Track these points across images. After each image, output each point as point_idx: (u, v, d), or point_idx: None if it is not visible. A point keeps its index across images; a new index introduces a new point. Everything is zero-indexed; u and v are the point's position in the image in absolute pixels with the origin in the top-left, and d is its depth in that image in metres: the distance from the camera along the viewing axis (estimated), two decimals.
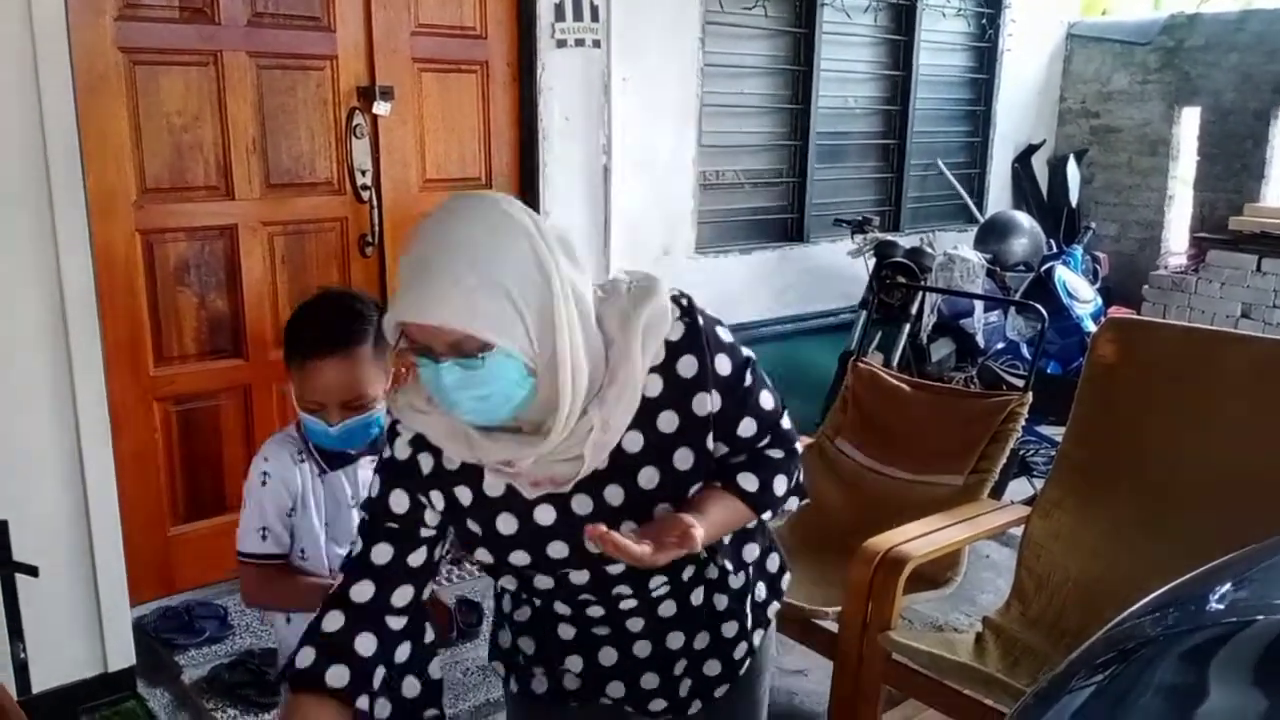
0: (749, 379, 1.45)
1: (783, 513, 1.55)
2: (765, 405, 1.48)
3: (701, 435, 1.41)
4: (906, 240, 4.77)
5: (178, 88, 3.06)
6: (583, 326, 1.29)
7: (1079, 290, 4.96)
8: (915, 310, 4.39)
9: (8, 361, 2.64)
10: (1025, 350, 4.61)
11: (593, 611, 1.52)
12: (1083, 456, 2.68)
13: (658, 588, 1.50)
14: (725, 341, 1.43)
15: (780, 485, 1.50)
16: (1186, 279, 5.49)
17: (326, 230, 3.43)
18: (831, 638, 2.57)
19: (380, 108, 3.40)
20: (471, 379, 1.24)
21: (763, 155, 4.72)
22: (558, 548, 1.43)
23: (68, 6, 2.64)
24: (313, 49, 3.28)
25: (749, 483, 1.46)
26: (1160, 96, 5.74)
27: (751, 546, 1.58)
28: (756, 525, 1.56)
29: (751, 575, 1.61)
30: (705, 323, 1.41)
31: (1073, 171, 5.88)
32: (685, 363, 1.39)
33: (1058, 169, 5.95)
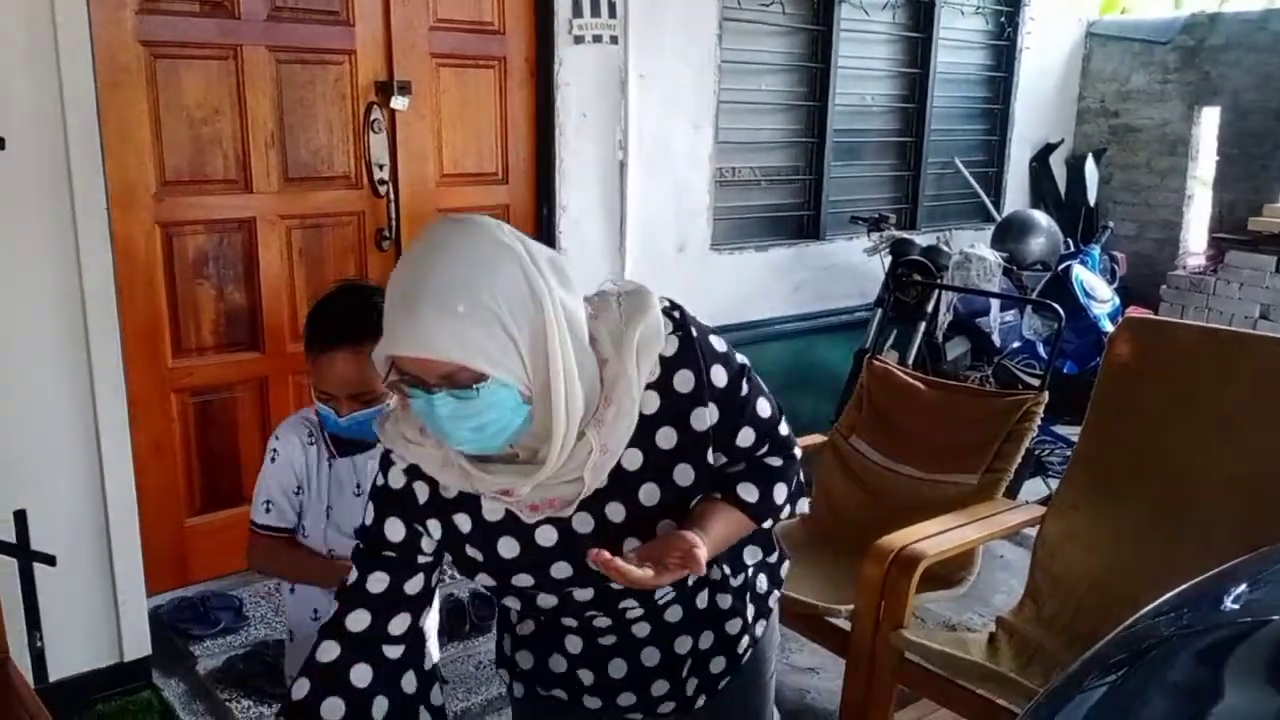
0: (745, 388, 1.43)
1: (784, 519, 1.54)
2: (762, 413, 1.47)
3: (701, 450, 1.40)
4: (923, 238, 4.76)
5: (198, 81, 3.08)
6: (576, 350, 1.26)
7: (1096, 289, 4.94)
8: (931, 308, 4.38)
9: (28, 352, 2.66)
10: (1041, 349, 4.60)
11: (599, 623, 1.50)
12: (1098, 457, 2.67)
13: (663, 595, 1.49)
14: (719, 351, 1.41)
15: (780, 494, 1.49)
16: (1205, 280, 5.46)
17: (344, 224, 3.44)
18: (844, 636, 2.57)
19: (398, 103, 3.41)
20: (466, 409, 1.21)
21: (779, 152, 4.71)
22: (561, 568, 1.41)
23: (89, 0, 2.66)
24: (331, 44, 3.30)
25: (749, 493, 1.45)
26: (1180, 96, 5.70)
27: (753, 549, 1.57)
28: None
29: (752, 571, 1.61)
30: (698, 334, 1.39)
31: (1091, 171, 5.85)
32: (681, 378, 1.37)
33: (1076, 168, 5.92)
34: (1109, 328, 4.49)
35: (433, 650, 1.82)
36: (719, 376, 1.40)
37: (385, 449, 1.40)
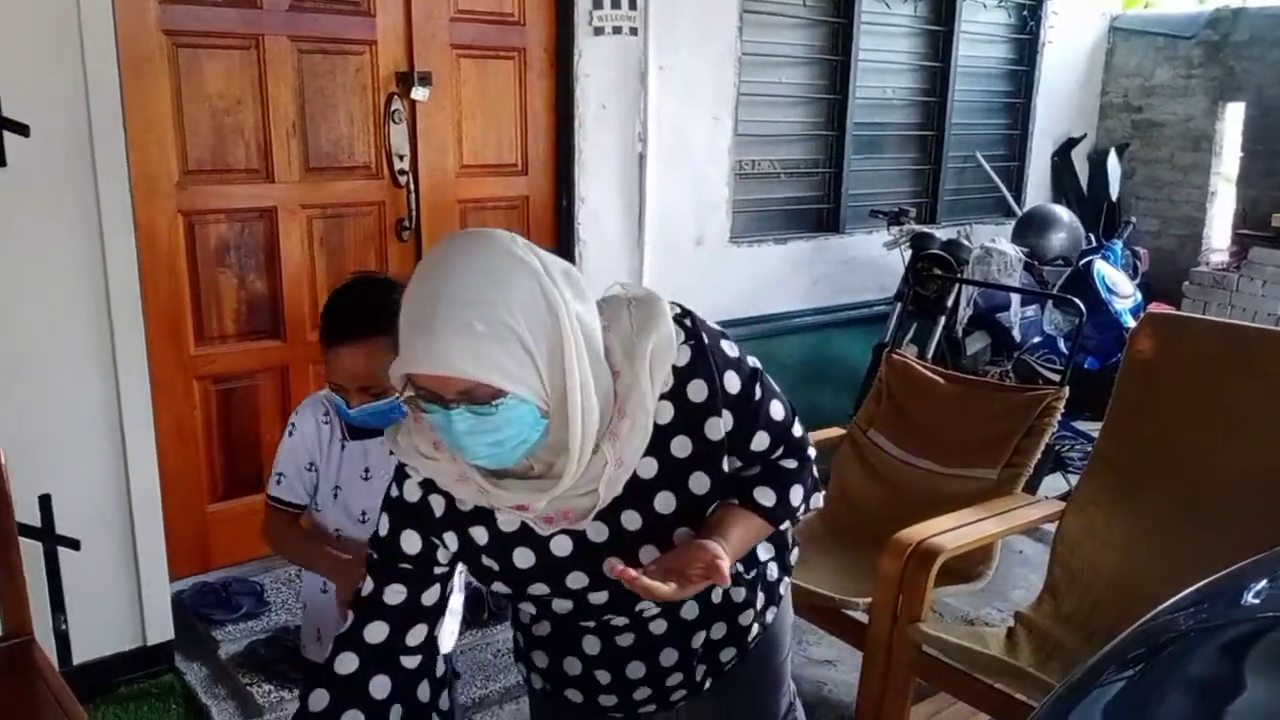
0: (758, 392, 1.43)
1: (800, 518, 1.55)
2: (776, 416, 1.46)
3: (716, 458, 1.40)
4: (943, 232, 4.74)
5: (220, 71, 3.10)
6: (592, 362, 1.26)
7: (1118, 285, 4.91)
8: (951, 303, 4.36)
9: (53, 339, 2.69)
10: (1062, 345, 4.58)
11: (617, 622, 1.51)
12: (1119, 452, 2.66)
13: None
14: (731, 357, 1.41)
15: (796, 495, 1.49)
16: (1228, 276, 5.42)
17: (364, 214, 3.46)
18: (861, 628, 2.57)
19: (418, 93, 3.41)
20: (483, 425, 1.21)
21: (799, 145, 4.70)
22: (577, 578, 1.41)
23: None
24: (353, 34, 3.31)
25: (766, 497, 1.45)
26: (1204, 91, 5.66)
27: (767, 545, 1.58)
28: None
29: (763, 560, 1.61)
30: (710, 341, 1.39)
31: (1113, 166, 5.81)
32: (695, 387, 1.37)
33: (1098, 163, 5.88)
34: (1130, 323, 4.45)
35: (448, 639, 1.84)
36: (732, 383, 1.39)
37: (400, 462, 1.40)
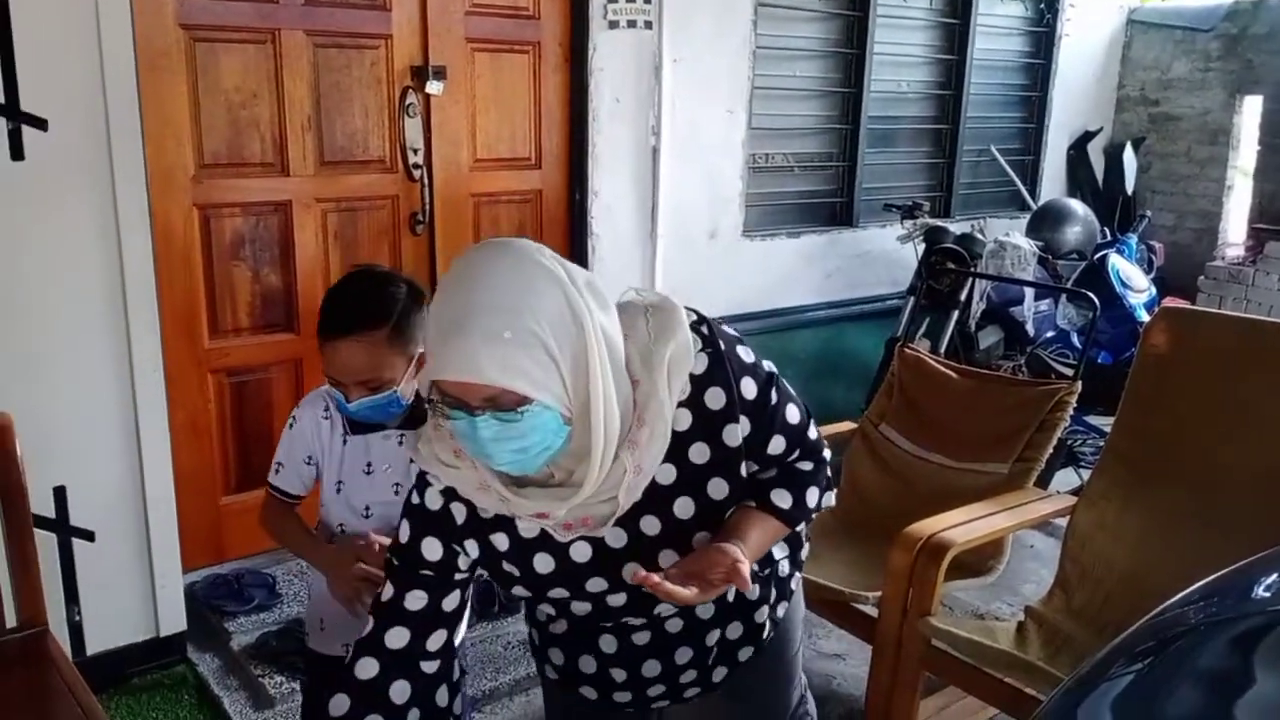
0: (774, 397, 1.44)
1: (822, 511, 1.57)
2: (791, 419, 1.47)
3: (734, 464, 1.41)
4: (957, 226, 4.72)
5: (236, 65, 3.11)
6: (614, 373, 1.28)
7: (1133, 279, 4.89)
8: (964, 297, 4.35)
9: (69, 331, 2.70)
10: (1076, 339, 4.55)
11: (633, 622, 1.52)
12: (1131, 447, 2.65)
13: None
14: (748, 363, 1.42)
15: (813, 497, 1.51)
16: (1244, 271, 5.39)
17: (378, 208, 3.47)
18: (871, 622, 2.57)
19: (433, 87, 3.42)
20: (509, 431, 1.22)
21: (813, 139, 4.69)
22: (596, 583, 1.43)
23: None
24: (368, 28, 3.31)
25: (783, 500, 1.47)
26: (1221, 84, 5.62)
27: (781, 544, 1.59)
28: None
29: (777, 558, 1.63)
30: (727, 347, 1.40)
31: (1129, 159, 5.78)
32: (712, 395, 1.38)
33: (1114, 157, 5.85)
34: (1145, 318, 4.43)
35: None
36: (749, 389, 1.41)
37: (421, 470, 1.42)
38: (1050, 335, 4.61)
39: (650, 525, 1.40)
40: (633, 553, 1.40)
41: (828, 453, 1.56)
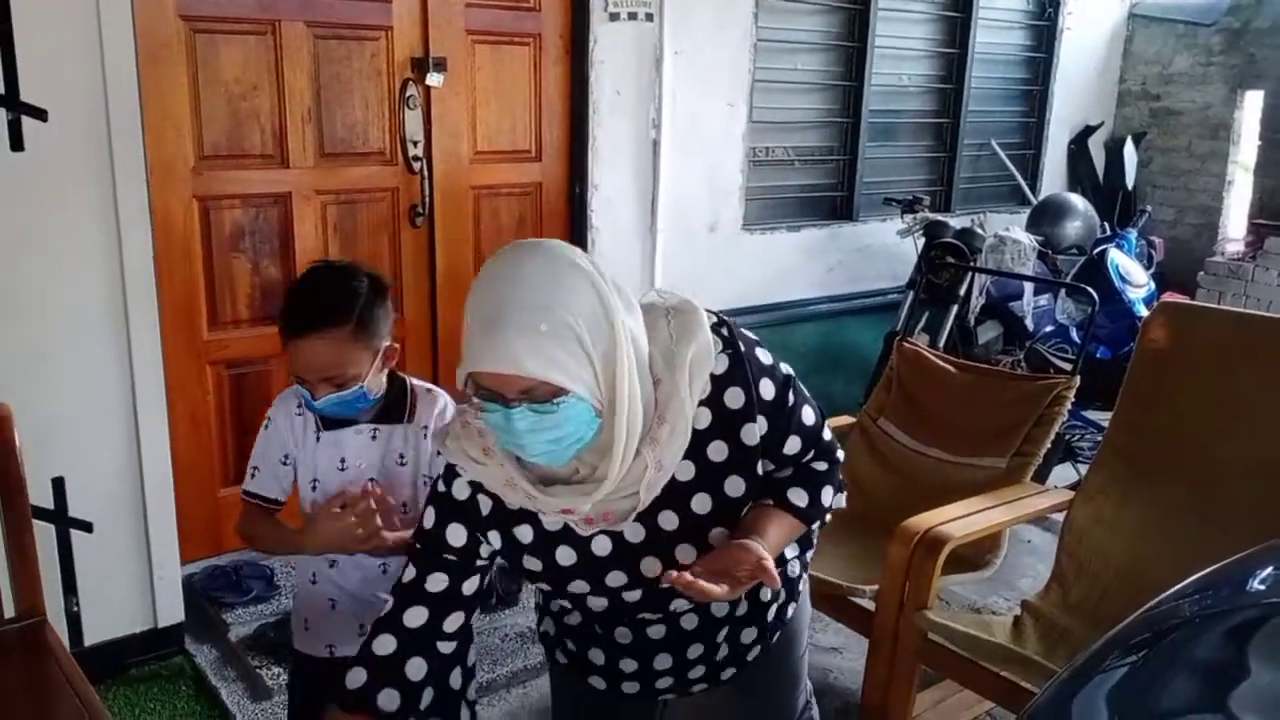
0: (791, 399, 1.48)
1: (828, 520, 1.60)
2: (807, 420, 1.51)
3: (751, 463, 1.45)
4: (957, 221, 4.73)
5: (236, 56, 3.11)
6: (638, 371, 1.32)
7: (1132, 274, 4.89)
8: (964, 291, 4.35)
9: (68, 322, 2.70)
10: (1074, 334, 4.56)
11: (649, 616, 1.55)
12: (1129, 442, 2.65)
13: None
14: (766, 365, 1.46)
15: (828, 496, 1.55)
16: (1244, 266, 5.39)
17: (378, 200, 3.46)
18: (868, 616, 2.57)
19: (433, 79, 3.42)
20: (544, 423, 1.26)
21: (814, 132, 4.69)
22: (616, 577, 1.47)
23: None
24: (368, 19, 3.31)
25: (799, 498, 1.50)
26: (1223, 79, 5.61)
27: (792, 545, 1.61)
28: None
29: (788, 558, 1.65)
30: (746, 349, 1.44)
31: (1130, 154, 5.77)
32: (731, 395, 1.42)
33: (1115, 151, 5.84)
34: (1144, 313, 4.43)
35: None
36: (767, 390, 1.44)
37: (449, 463, 1.45)
38: (1049, 330, 4.62)
39: (669, 520, 1.43)
40: (651, 547, 1.44)
41: (841, 454, 1.60)
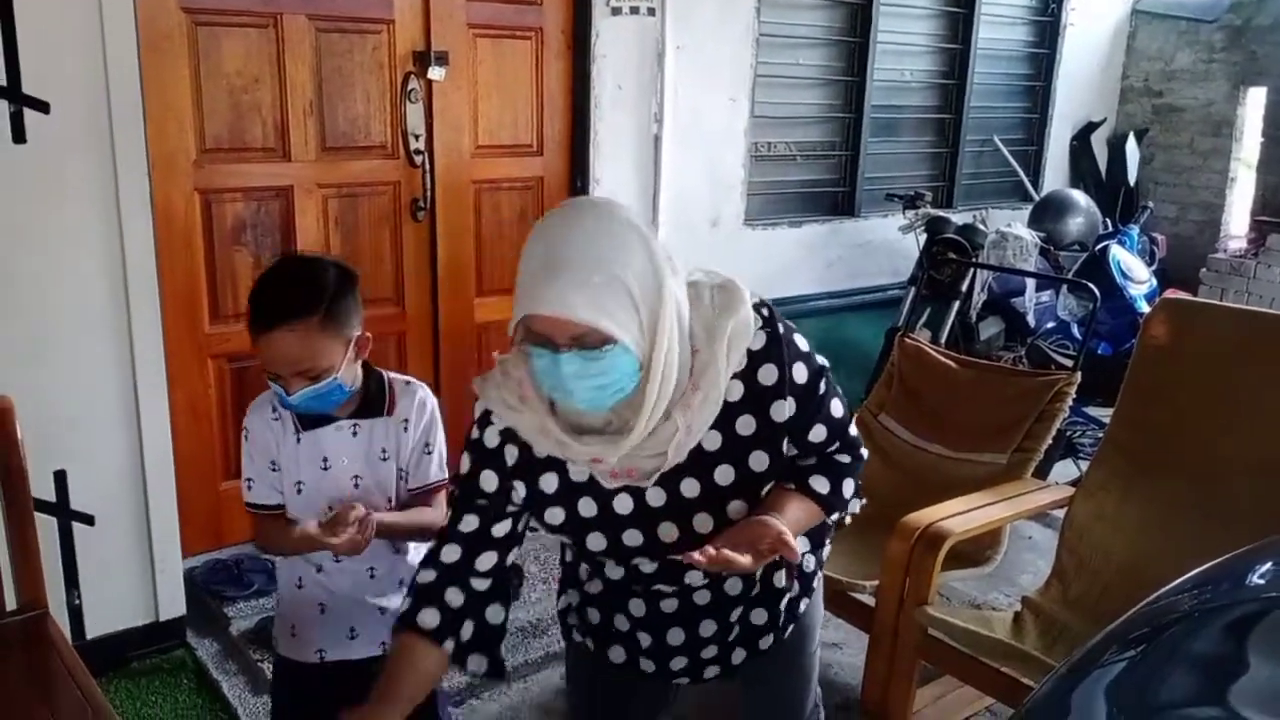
0: (823, 387, 1.52)
1: (848, 515, 1.63)
2: (835, 413, 1.55)
3: (777, 439, 1.49)
4: (959, 217, 4.72)
5: (238, 49, 3.10)
6: (678, 335, 1.36)
7: (1134, 270, 4.88)
8: (965, 288, 4.35)
9: (70, 316, 2.71)
10: (1076, 330, 4.56)
11: (664, 589, 1.59)
12: (1130, 438, 2.66)
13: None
14: (802, 350, 1.50)
15: (848, 488, 1.58)
16: (1245, 263, 5.38)
17: (379, 193, 3.46)
18: (868, 611, 2.58)
19: (435, 73, 3.41)
20: (590, 369, 1.31)
21: (815, 127, 4.68)
22: (633, 535, 1.50)
23: None
24: (370, 13, 3.31)
25: (821, 485, 1.54)
26: (1225, 76, 5.61)
27: (803, 537, 1.63)
28: None
29: (802, 552, 1.67)
30: (784, 331, 1.48)
31: (1132, 150, 5.77)
32: (766, 371, 1.46)
33: (1117, 147, 5.84)
34: (1145, 309, 4.43)
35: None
36: (800, 373, 1.48)
37: (485, 409, 1.50)
38: (1051, 326, 4.61)
39: (690, 488, 1.48)
40: (670, 512, 1.48)
41: (865, 453, 1.62)
